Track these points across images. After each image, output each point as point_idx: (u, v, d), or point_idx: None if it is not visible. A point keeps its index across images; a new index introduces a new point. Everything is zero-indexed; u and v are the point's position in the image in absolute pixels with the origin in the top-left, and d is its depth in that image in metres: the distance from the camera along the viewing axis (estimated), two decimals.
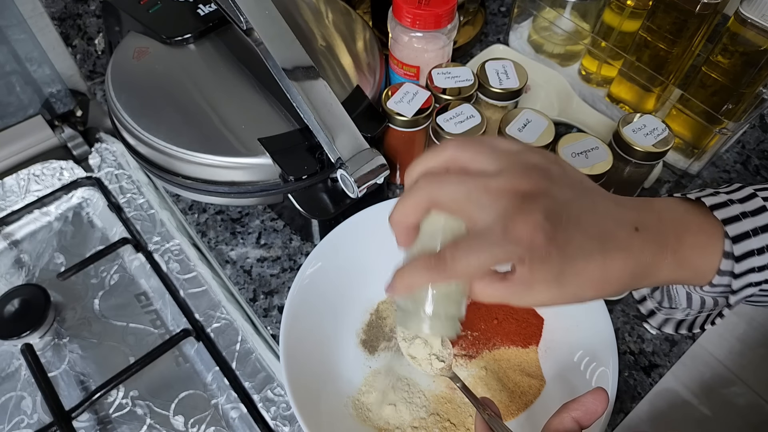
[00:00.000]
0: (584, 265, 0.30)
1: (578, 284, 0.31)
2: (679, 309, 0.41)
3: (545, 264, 0.30)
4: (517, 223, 0.29)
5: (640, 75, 0.59)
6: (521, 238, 0.29)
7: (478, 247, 0.30)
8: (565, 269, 0.30)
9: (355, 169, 0.47)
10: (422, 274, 0.32)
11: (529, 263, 0.30)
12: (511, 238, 0.29)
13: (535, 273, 0.30)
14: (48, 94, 0.68)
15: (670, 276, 0.34)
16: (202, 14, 0.57)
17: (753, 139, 0.66)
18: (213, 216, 0.60)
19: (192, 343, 0.54)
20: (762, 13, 0.50)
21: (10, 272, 0.60)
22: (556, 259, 0.30)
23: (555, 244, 0.29)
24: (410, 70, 0.59)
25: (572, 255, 0.30)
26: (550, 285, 0.30)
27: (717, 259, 0.34)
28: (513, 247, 0.29)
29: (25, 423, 0.51)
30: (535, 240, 0.29)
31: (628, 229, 0.32)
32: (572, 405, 0.34)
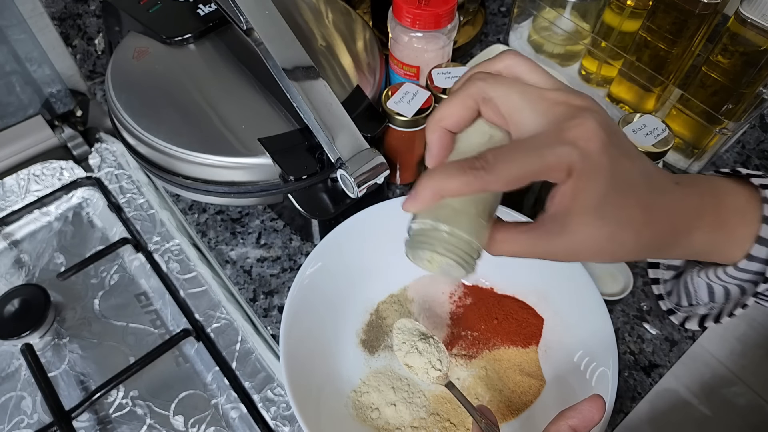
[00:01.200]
0: (628, 198, 0.28)
1: (617, 226, 0.28)
2: (701, 305, 0.38)
3: (594, 178, 0.27)
4: (573, 125, 0.27)
5: (640, 75, 0.59)
6: (577, 138, 0.27)
7: (526, 149, 0.27)
8: (611, 194, 0.27)
9: (355, 169, 0.47)
10: (456, 176, 0.27)
11: (577, 175, 0.27)
12: (565, 139, 0.27)
13: (582, 192, 0.27)
14: (48, 94, 0.68)
15: (707, 240, 0.32)
16: (202, 14, 0.57)
17: (753, 139, 0.66)
18: (213, 216, 0.60)
19: (192, 343, 0.54)
20: (762, 13, 0.50)
21: (10, 272, 0.60)
22: (606, 175, 0.27)
23: (608, 155, 0.27)
24: (410, 70, 0.59)
25: (618, 183, 0.28)
26: (587, 220, 0.28)
27: (755, 227, 0.32)
28: (567, 148, 0.27)
29: (25, 423, 0.51)
30: (590, 143, 0.27)
31: (669, 180, 0.31)
32: (569, 413, 0.33)
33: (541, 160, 0.27)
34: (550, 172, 0.27)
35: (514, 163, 0.27)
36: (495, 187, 0.27)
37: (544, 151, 0.27)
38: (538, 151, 0.27)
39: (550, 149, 0.27)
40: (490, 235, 0.30)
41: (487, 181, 0.27)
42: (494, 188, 0.27)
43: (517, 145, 0.28)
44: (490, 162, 0.27)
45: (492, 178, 0.27)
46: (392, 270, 0.52)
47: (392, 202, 0.52)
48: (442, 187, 0.28)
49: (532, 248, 0.29)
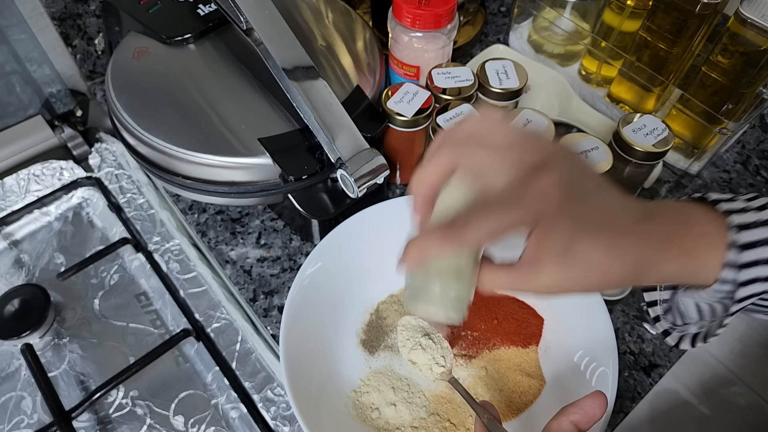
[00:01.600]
0: (591, 246, 0.31)
1: (585, 266, 0.31)
2: (692, 324, 0.40)
3: (555, 232, 0.30)
4: (530, 186, 0.30)
5: (640, 75, 0.59)
6: (534, 200, 0.30)
7: (491, 211, 0.31)
8: (573, 246, 0.30)
9: (355, 169, 0.47)
10: (435, 241, 0.31)
11: (542, 228, 0.30)
12: (523, 201, 0.30)
13: (544, 245, 0.30)
14: (48, 94, 0.68)
15: (677, 268, 0.34)
16: (202, 14, 0.57)
17: (753, 139, 0.66)
18: (213, 216, 0.60)
19: (192, 343, 0.54)
20: (762, 13, 0.50)
21: (10, 272, 0.60)
22: (566, 228, 0.30)
23: (564, 211, 0.30)
24: (410, 70, 0.59)
25: (580, 229, 0.31)
26: (557, 263, 0.31)
27: (723, 252, 0.34)
28: (524, 210, 0.30)
29: (25, 423, 0.51)
30: (547, 203, 0.30)
31: (635, 215, 0.33)
32: (571, 408, 0.34)
33: (506, 220, 0.30)
34: (518, 226, 0.31)
35: (484, 223, 0.30)
36: (472, 243, 0.31)
37: (507, 212, 0.30)
38: (502, 212, 0.30)
39: (513, 210, 0.30)
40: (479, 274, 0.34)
41: (463, 242, 0.31)
42: (470, 247, 0.32)
43: (484, 207, 0.31)
44: (463, 225, 0.31)
45: (468, 236, 0.30)
46: (392, 270, 0.52)
47: (392, 202, 0.52)
48: (427, 250, 0.32)
49: (514, 286, 0.33)
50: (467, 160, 0.33)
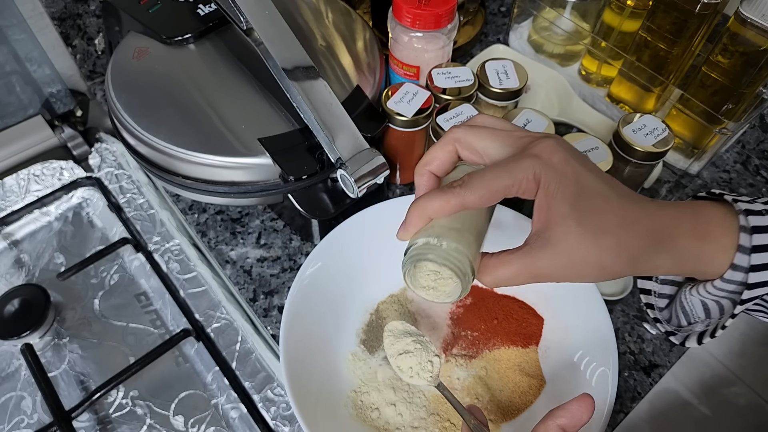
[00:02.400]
0: (602, 203, 0.30)
1: (596, 225, 0.30)
2: (698, 322, 0.39)
3: (563, 188, 0.30)
4: (534, 145, 0.30)
5: (640, 75, 0.59)
6: (539, 152, 0.30)
7: (495, 168, 0.30)
8: (582, 202, 0.30)
9: (355, 169, 0.47)
10: (437, 197, 0.31)
11: (546, 185, 0.30)
12: (528, 154, 0.30)
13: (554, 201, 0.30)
14: (48, 94, 0.68)
15: (693, 246, 0.33)
16: (202, 14, 0.57)
17: (753, 139, 0.66)
18: (213, 216, 0.60)
19: (192, 343, 0.54)
20: (762, 13, 0.50)
21: (10, 272, 0.60)
22: (572, 184, 0.30)
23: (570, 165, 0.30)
24: (410, 70, 0.59)
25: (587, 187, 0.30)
26: (567, 224, 0.29)
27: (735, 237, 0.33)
28: (530, 160, 0.30)
29: (25, 423, 0.51)
30: (552, 155, 0.30)
31: (642, 201, 0.32)
32: (558, 412, 0.33)
33: (509, 173, 0.30)
34: (519, 185, 0.30)
35: (486, 179, 0.30)
36: (471, 201, 0.30)
37: (510, 166, 0.30)
38: (506, 167, 0.30)
39: (516, 164, 0.30)
40: (482, 265, 0.32)
41: (464, 197, 0.30)
42: (471, 203, 0.30)
43: (489, 167, 0.31)
44: (465, 181, 0.31)
45: (468, 193, 0.30)
46: (392, 270, 0.52)
47: (392, 202, 0.52)
48: (426, 208, 0.31)
49: (523, 268, 0.31)
50: (472, 136, 0.33)
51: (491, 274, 0.32)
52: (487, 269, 0.32)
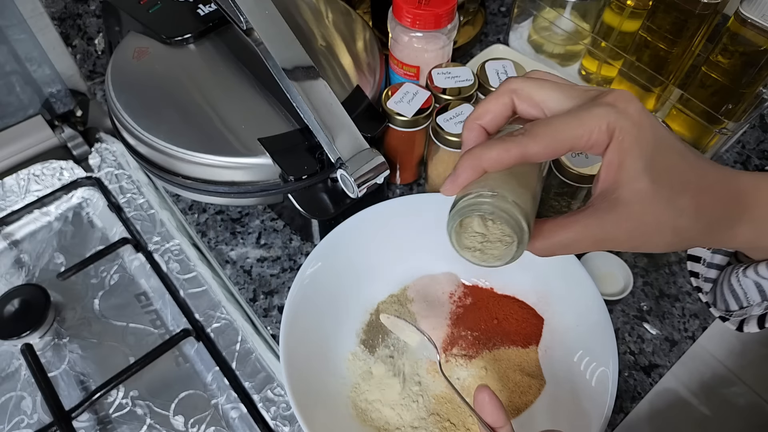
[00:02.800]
0: (679, 160, 0.26)
1: (673, 183, 0.26)
2: (753, 305, 0.36)
3: (638, 136, 0.26)
4: (608, 93, 0.27)
5: (640, 75, 0.59)
6: (614, 101, 0.26)
7: (564, 116, 0.26)
8: (657, 157, 0.26)
9: (355, 169, 0.47)
10: (495, 146, 0.26)
11: (619, 135, 0.26)
12: (601, 102, 0.26)
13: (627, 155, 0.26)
14: (48, 94, 0.68)
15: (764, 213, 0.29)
16: (202, 14, 0.57)
17: (753, 139, 0.66)
18: (213, 216, 0.60)
19: (192, 343, 0.54)
20: (762, 13, 0.50)
21: (10, 272, 0.60)
22: (649, 136, 0.26)
23: (648, 116, 0.26)
24: (410, 70, 0.59)
25: (664, 141, 0.26)
26: (640, 182, 0.26)
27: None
28: (604, 109, 0.26)
29: (25, 423, 0.51)
30: (629, 104, 0.26)
31: (718, 164, 0.29)
32: None
33: (579, 122, 0.26)
34: (590, 136, 0.26)
35: (552, 127, 0.26)
36: (535, 152, 0.26)
37: (581, 114, 0.26)
38: (576, 115, 0.26)
39: (587, 111, 0.26)
40: (537, 230, 0.28)
41: (527, 147, 0.26)
42: (534, 154, 0.26)
43: (555, 116, 0.27)
44: (528, 130, 0.26)
45: (531, 142, 0.26)
46: (392, 270, 0.52)
47: (392, 202, 0.53)
48: (482, 158, 0.27)
49: (586, 232, 0.27)
50: (531, 87, 0.29)
51: (549, 239, 0.28)
52: (544, 233, 0.28)
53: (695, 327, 0.52)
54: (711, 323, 0.53)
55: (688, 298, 0.54)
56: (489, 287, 0.53)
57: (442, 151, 0.52)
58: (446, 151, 0.52)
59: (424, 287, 0.52)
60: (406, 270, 0.53)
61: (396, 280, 0.53)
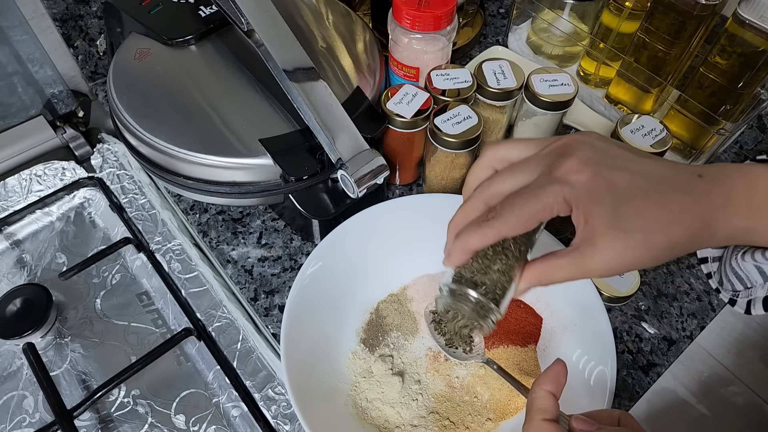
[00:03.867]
0: (643, 203, 0.30)
1: (642, 226, 0.29)
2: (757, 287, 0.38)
3: (598, 202, 0.30)
4: (557, 166, 0.31)
5: (639, 76, 0.60)
6: (565, 174, 0.30)
7: (524, 194, 0.31)
8: (622, 207, 0.29)
9: (355, 170, 0.48)
10: (474, 233, 0.32)
11: (580, 205, 0.30)
12: (554, 179, 0.30)
13: (592, 216, 0.30)
14: (50, 95, 0.69)
15: (746, 224, 0.32)
16: (203, 16, 0.57)
17: (751, 139, 0.66)
18: (214, 216, 0.60)
19: (193, 342, 0.55)
20: (760, 14, 0.50)
21: (12, 272, 0.60)
22: (607, 194, 0.30)
23: (601, 178, 0.30)
24: (410, 72, 0.59)
25: (625, 191, 0.30)
26: (611, 237, 0.30)
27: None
28: (557, 186, 0.30)
29: (26, 422, 0.51)
30: (578, 175, 0.30)
31: (687, 175, 0.31)
32: (542, 380, 0.35)
33: (537, 200, 0.31)
34: (552, 209, 0.31)
35: (516, 208, 0.31)
36: (507, 231, 0.32)
37: (537, 192, 0.31)
38: (534, 193, 0.31)
39: (543, 189, 0.31)
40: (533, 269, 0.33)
41: (500, 229, 0.31)
42: (508, 233, 0.32)
43: (518, 193, 0.32)
44: (498, 212, 0.31)
45: (502, 225, 0.31)
46: (392, 269, 0.53)
47: (392, 203, 0.53)
48: (468, 243, 0.33)
49: (576, 271, 0.31)
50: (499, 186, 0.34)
51: (545, 278, 0.33)
52: (541, 273, 0.33)
53: (693, 326, 0.52)
54: (709, 323, 0.53)
55: (686, 297, 0.54)
56: None
57: (439, 152, 0.52)
58: (444, 152, 0.52)
59: (424, 287, 0.53)
60: (406, 269, 0.53)
61: (396, 280, 0.53)
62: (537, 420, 0.33)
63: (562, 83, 0.54)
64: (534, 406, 0.34)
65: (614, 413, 0.35)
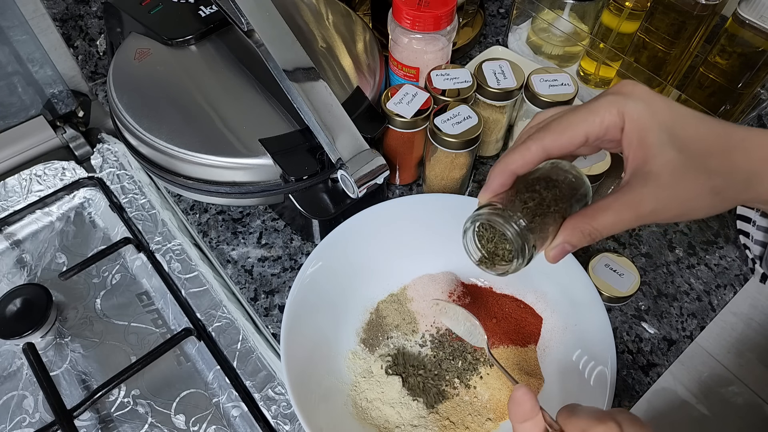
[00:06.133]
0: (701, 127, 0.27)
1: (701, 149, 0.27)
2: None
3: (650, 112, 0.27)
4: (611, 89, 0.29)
5: (639, 76, 0.60)
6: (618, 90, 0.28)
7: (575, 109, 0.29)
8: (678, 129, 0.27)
9: (355, 170, 0.48)
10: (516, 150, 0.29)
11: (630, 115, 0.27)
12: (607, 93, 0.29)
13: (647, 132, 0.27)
14: (50, 95, 0.69)
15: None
16: (203, 16, 0.57)
17: None
18: (214, 216, 0.60)
19: (193, 342, 0.55)
20: (760, 14, 0.50)
21: (12, 272, 0.60)
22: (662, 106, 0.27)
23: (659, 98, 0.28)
24: (410, 72, 0.59)
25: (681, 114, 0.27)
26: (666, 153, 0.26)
27: None
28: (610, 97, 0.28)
29: (26, 422, 0.51)
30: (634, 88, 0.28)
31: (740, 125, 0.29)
32: None
33: (589, 111, 0.27)
34: (602, 121, 0.27)
35: (566, 119, 0.28)
36: (552, 144, 0.28)
37: (590, 105, 0.28)
38: (586, 106, 0.28)
39: (596, 101, 0.28)
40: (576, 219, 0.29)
41: (543, 141, 0.28)
42: (552, 146, 0.28)
43: (569, 110, 0.29)
44: (545, 126, 0.28)
45: (548, 136, 0.28)
46: (392, 269, 0.53)
47: (392, 203, 0.53)
48: (507, 162, 0.29)
49: (626, 210, 0.27)
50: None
51: (591, 224, 0.29)
52: (585, 220, 0.29)
53: (693, 326, 0.52)
54: (709, 323, 0.53)
55: (686, 297, 0.54)
56: (488, 286, 0.53)
57: (439, 152, 0.52)
58: (443, 152, 0.52)
59: (424, 286, 0.53)
60: (406, 269, 0.53)
61: (396, 280, 0.53)
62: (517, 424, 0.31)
63: (562, 83, 0.54)
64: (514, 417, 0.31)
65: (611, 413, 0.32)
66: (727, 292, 0.54)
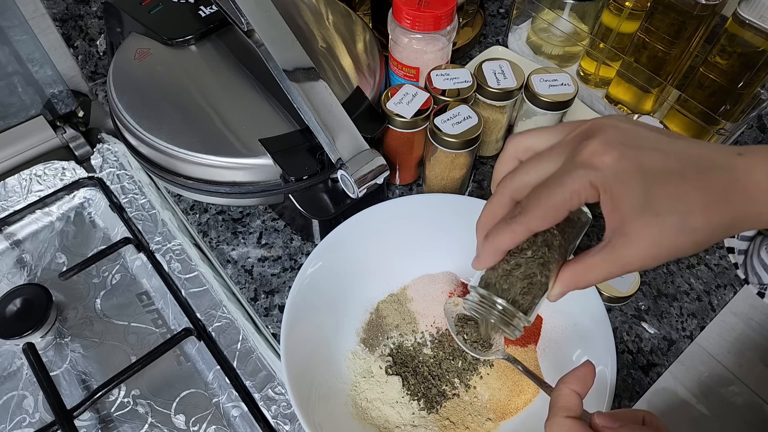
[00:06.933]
0: (678, 183, 0.27)
1: (678, 209, 0.27)
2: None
3: (626, 184, 0.27)
4: (580, 150, 0.29)
5: (639, 76, 0.60)
6: (588, 158, 0.28)
7: (549, 184, 0.29)
8: (653, 189, 0.27)
9: (355, 170, 0.48)
10: (504, 231, 0.31)
11: (607, 189, 0.28)
12: (578, 163, 0.28)
13: (620, 200, 0.28)
14: (50, 95, 0.69)
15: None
16: (203, 16, 0.57)
17: (750, 139, 0.66)
18: (214, 216, 0.60)
19: (193, 342, 0.55)
20: (760, 14, 0.50)
21: (12, 272, 0.60)
22: (636, 175, 0.27)
23: (629, 159, 0.28)
24: (410, 72, 0.59)
25: (656, 172, 0.27)
26: (645, 222, 0.27)
27: None
28: (581, 170, 0.28)
29: (26, 422, 0.51)
30: (603, 157, 0.28)
31: (727, 153, 0.28)
32: (567, 378, 0.34)
33: (564, 188, 0.29)
34: (579, 196, 0.29)
35: (541, 199, 0.29)
36: (537, 225, 0.30)
37: (563, 180, 0.29)
38: (559, 182, 0.29)
39: (569, 175, 0.29)
40: (567, 273, 0.32)
41: (528, 224, 0.30)
42: (537, 227, 0.30)
43: (543, 183, 0.30)
44: (524, 206, 0.30)
45: (530, 219, 0.30)
46: (392, 269, 0.53)
47: (392, 203, 0.53)
48: (497, 243, 0.32)
49: (611, 267, 0.29)
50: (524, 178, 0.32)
51: (581, 281, 0.31)
52: (575, 276, 0.31)
53: (693, 326, 0.52)
54: (709, 323, 0.53)
55: (686, 297, 0.54)
56: None
57: (439, 152, 0.52)
58: (443, 152, 0.52)
59: (424, 287, 0.53)
60: (406, 269, 0.53)
61: (396, 280, 0.53)
62: (560, 417, 0.33)
63: (562, 83, 0.54)
64: (558, 403, 0.33)
65: (639, 413, 0.34)
66: (727, 292, 0.54)
